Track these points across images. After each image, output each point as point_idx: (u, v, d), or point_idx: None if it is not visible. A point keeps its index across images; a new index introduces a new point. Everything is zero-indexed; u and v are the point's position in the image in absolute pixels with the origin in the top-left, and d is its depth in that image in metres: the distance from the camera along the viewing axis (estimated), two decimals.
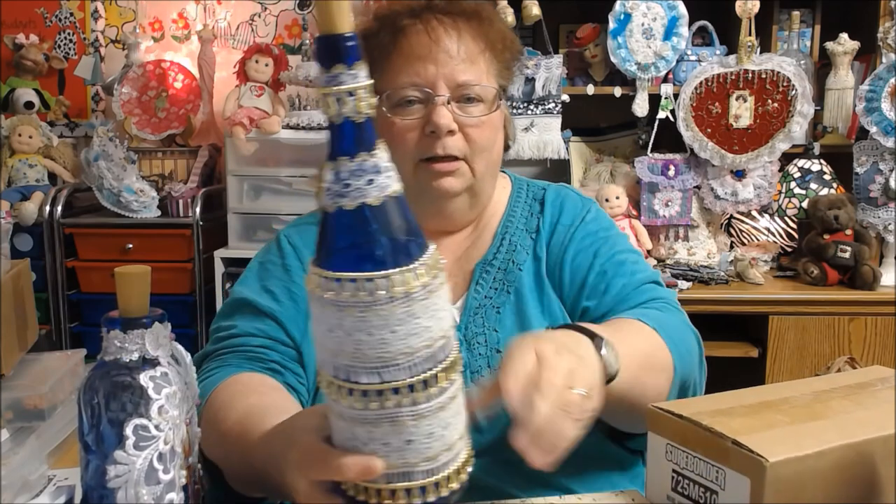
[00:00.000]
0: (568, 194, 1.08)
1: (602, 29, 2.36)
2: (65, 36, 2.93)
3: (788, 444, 0.60)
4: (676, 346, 0.88)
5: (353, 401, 0.56)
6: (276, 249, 1.04)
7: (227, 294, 2.43)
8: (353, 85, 0.53)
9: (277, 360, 0.94)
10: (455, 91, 0.95)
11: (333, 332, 0.55)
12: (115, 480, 0.57)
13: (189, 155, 2.71)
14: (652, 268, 1.06)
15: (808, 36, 2.41)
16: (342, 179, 0.54)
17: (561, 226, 1.03)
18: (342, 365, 0.56)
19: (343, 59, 0.53)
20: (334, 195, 0.54)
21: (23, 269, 1.26)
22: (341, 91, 0.53)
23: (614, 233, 1.05)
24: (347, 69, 0.53)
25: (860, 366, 1.40)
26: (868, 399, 0.71)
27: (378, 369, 0.55)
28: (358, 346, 0.54)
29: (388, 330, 0.54)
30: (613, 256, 1.00)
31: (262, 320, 0.96)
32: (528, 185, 1.10)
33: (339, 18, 0.53)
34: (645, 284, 0.99)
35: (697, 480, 0.65)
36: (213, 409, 0.85)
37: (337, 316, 0.54)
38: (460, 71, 0.94)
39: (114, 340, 0.59)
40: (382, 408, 0.55)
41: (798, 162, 2.36)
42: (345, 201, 0.54)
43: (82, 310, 2.56)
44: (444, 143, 0.94)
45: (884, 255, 2.24)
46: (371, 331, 0.54)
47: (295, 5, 2.88)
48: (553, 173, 2.49)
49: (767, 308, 2.10)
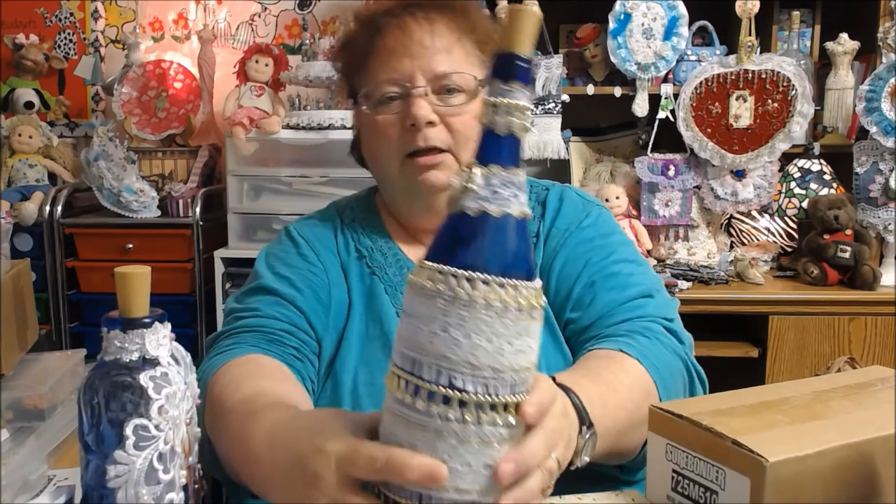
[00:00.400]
0: (568, 196, 1.05)
1: (602, 29, 2.36)
2: (65, 36, 2.93)
3: (788, 444, 0.60)
4: (661, 376, 0.85)
5: (421, 403, 0.55)
6: (288, 241, 1.03)
7: (227, 294, 2.43)
8: (523, 102, 0.56)
9: (298, 347, 0.92)
10: (434, 82, 0.94)
11: (429, 326, 0.55)
12: (115, 480, 0.57)
13: (189, 155, 2.71)
14: (656, 276, 1.02)
15: (808, 36, 2.41)
16: (492, 185, 0.55)
17: (556, 229, 1.01)
18: (433, 364, 0.55)
19: (520, 77, 0.56)
20: (480, 199, 0.55)
21: (23, 269, 1.26)
22: (511, 105, 0.55)
23: (613, 239, 1.02)
24: (523, 87, 0.56)
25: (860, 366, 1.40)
26: (868, 399, 0.71)
27: (465, 374, 0.54)
28: (474, 350, 0.54)
29: (484, 337, 0.54)
30: (605, 267, 0.97)
31: (285, 306, 0.95)
32: (531, 185, 1.08)
33: (526, 38, 0.56)
34: (634, 300, 0.95)
35: (697, 480, 0.65)
36: (220, 385, 0.82)
37: (442, 311, 0.54)
38: (436, 62, 0.94)
39: (114, 340, 0.59)
40: (453, 419, 0.54)
41: (798, 162, 2.36)
42: (491, 207, 0.55)
43: (82, 310, 2.56)
44: (425, 134, 0.93)
45: (884, 255, 2.24)
46: (470, 334, 0.54)
47: (295, 5, 2.88)
48: (553, 173, 2.49)
49: (767, 308, 2.10)
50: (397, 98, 0.95)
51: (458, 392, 0.54)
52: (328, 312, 0.97)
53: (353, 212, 1.07)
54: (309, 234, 1.02)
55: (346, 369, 0.94)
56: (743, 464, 0.60)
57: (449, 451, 0.54)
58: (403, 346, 0.56)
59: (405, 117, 0.94)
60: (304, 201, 2.38)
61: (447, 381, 0.54)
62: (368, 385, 0.93)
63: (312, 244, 1.01)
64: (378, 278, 1.00)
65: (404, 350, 0.56)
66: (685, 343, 0.96)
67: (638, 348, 0.86)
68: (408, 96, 0.94)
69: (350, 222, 1.05)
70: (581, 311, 0.96)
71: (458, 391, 0.54)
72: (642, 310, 0.94)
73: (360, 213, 1.07)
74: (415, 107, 0.93)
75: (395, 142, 0.95)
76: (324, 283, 0.98)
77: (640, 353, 0.86)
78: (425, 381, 0.55)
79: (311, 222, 1.05)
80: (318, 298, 0.96)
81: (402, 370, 0.56)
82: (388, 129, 0.95)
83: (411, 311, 0.56)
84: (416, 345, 0.55)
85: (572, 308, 0.96)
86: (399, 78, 0.94)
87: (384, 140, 0.96)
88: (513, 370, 0.55)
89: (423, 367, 0.55)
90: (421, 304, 0.55)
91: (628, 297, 0.95)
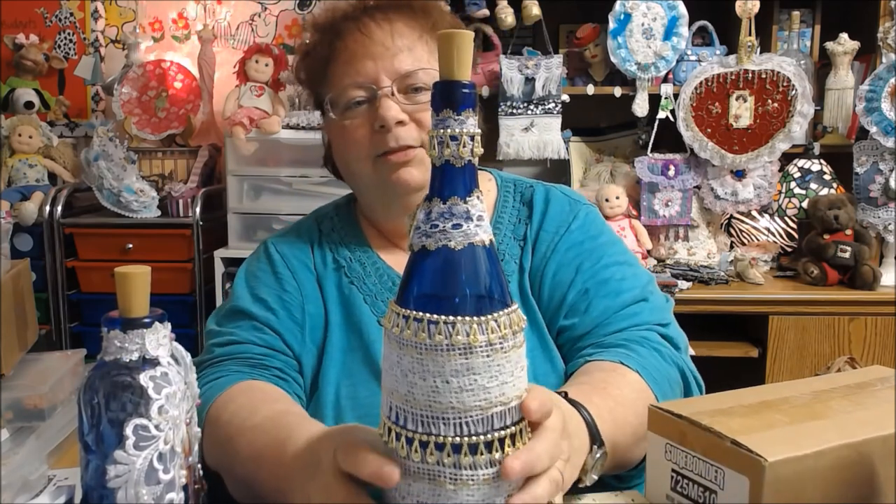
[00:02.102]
0: (555, 196, 1.03)
1: (602, 29, 2.36)
2: (65, 36, 2.93)
3: (788, 444, 0.60)
4: (661, 389, 0.86)
5: (399, 447, 0.54)
6: (264, 258, 1.02)
7: (227, 294, 2.43)
8: (457, 130, 0.54)
9: (281, 367, 0.93)
10: (399, 82, 0.93)
11: (393, 370, 0.55)
12: (115, 480, 0.57)
13: (189, 155, 2.71)
14: (646, 273, 1.01)
15: (808, 36, 2.41)
16: (431, 220, 0.55)
17: (545, 232, 0.99)
18: (395, 405, 0.55)
19: (452, 104, 0.54)
20: (421, 234, 0.55)
21: (23, 269, 1.26)
22: (445, 135, 0.54)
23: (603, 241, 1.00)
24: (455, 115, 0.54)
25: (860, 366, 1.40)
26: (868, 399, 0.71)
27: (425, 418, 0.53)
28: (410, 390, 0.53)
29: (441, 378, 0.52)
30: (597, 273, 0.96)
31: (261, 329, 0.95)
32: (514, 185, 1.06)
33: (458, 66, 0.54)
34: (629, 306, 0.95)
35: (697, 480, 0.65)
36: (229, 412, 0.82)
37: (398, 353, 0.54)
38: (399, 61, 0.93)
39: (114, 340, 0.59)
40: (424, 462, 0.53)
41: (798, 162, 2.36)
42: (428, 241, 0.54)
43: (82, 310, 2.56)
44: (395, 134, 0.92)
45: (884, 255, 2.24)
46: (425, 375, 0.53)
47: (295, 5, 2.88)
48: (553, 173, 2.49)
49: (767, 308, 2.10)
50: (364, 102, 0.93)
51: (402, 428, 0.54)
52: (303, 330, 0.97)
53: (332, 221, 1.05)
54: (285, 251, 1.01)
55: (329, 382, 0.94)
56: (742, 464, 0.60)
57: (448, 495, 0.54)
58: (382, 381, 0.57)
59: (374, 119, 0.93)
60: (304, 201, 2.38)
61: (395, 419, 0.54)
62: (351, 398, 0.93)
63: (288, 261, 1.00)
64: (356, 288, 0.99)
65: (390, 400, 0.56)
66: (681, 348, 0.96)
67: (637, 360, 0.86)
68: (374, 98, 0.93)
69: (329, 232, 1.04)
70: (576, 318, 0.95)
71: (402, 427, 0.54)
72: (638, 317, 0.94)
73: (338, 222, 1.06)
74: (382, 108, 0.91)
75: (366, 145, 0.94)
76: (297, 301, 0.98)
77: (640, 366, 0.86)
78: (390, 422, 0.55)
79: (289, 238, 1.04)
80: (293, 318, 0.96)
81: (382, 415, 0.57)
82: (357, 133, 0.94)
83: (384, 348, 0.56)
84: (382, 381, 0.56)
85: (566, 315, 0.95)
86: (363, 81, 0.93)
87: (354, 144, 0.94)
88: (454, 409, 0.53)
89: (386, 408, 0.56)
90: (385, 342, 0.56)
91: (623, 304, 0.94)
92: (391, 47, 0.93)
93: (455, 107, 0.54)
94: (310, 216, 1.09)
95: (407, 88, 0.94)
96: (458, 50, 0.54)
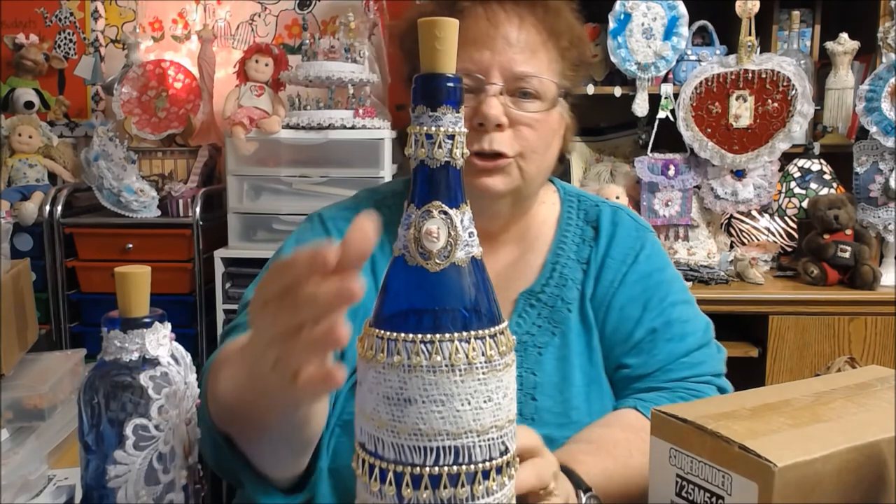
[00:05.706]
0: (622, 220, 0.98)
1: (602, 29, 2.36)
2: (65, 36, 2.93)
3: (795, 448, 0.60)
4: None
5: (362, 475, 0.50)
6: (320, 228, 0.95)
7: (227, 294, 2.43)
8: (432, 128, 0.49)
9: None
10: (511, 82, 0.86)
11: (360, 390, 0.51)
12: (115, 480, 0.57)
13: (189, 155, 2.71)
14: (703, 315, 0.98)
15: (808, 36, 2.41)
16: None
17: (612, 259, 0.95)
18: (365, 430, 0.50)
19: (428, 100, 0.49)
20: (402, 245, 0.51)
21: (23, 269, 1.26)
22: (420, 132, 0.49)
23: (668, 275, 0.97)
24: (429, 111, 0.49)
25: (860, 366, 1.40)
26: (869, 400, 0.71)
27: (393, 442, 0.48)
28: (375, 408, 0.49)
29: (402, 397, 0.47)
30: (664, 311, 0.93)
31: None
32: (579, 200, 1.01)
33: (450, 54, 0.49)
34: (693, 352, 0.92)
35: (703, 485, 0.64)
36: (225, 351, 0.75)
37: (362, 369, 0.50)
38: (518, 61, 0.86)
39: (114, 340, 0.59)
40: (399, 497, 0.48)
41: (798, 162, 2.36)
42: (406, 253, 0.50)
43: (82, 310, 2.56)
44: (491, 137, 0.86)
45: (884, 255, 2.24)
46: (389, 393, 0.48)
47: (295, 5, 2.88)
48: (553, 173, 2.49)
49: (767, 308, 2.10)
50: (468, 91, 0.85)
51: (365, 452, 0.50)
52: None
53: (391, 210, 0.97)
54: (343, 227, 0.94)
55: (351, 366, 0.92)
56: (751, 469, 0.59)
57: None
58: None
59: (474, 114, 0.85)
60: (304, 201, 2.38)
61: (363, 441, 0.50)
62: None
63: None
64: None
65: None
66: None
67: None
68: (480, 91, 0.86)
69: (387, 224, 1.02)
70: (641, 358, 0.91)
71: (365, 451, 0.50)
72: (699, 367, 0.92)
73: (397, 212, 0.99)
74: (486, 105, 0.85)
75: None
76: None
77: None
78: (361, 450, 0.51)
79: (347, 214, 0.96)
80: None
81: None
82: None
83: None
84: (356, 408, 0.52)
85: (631, 353, 0.92)
86: (474, 70, 0.86)
87: None
88: (419, 431, 0.47)
89: (358, 432, 0.51)
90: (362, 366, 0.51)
91: (687, 350, 0.93)
92: (514, 44, 0.86)
93: (432, 103, 0.49)
94: (365, 198, 1.01)
95: (516, 91, 0.87)
96: (441, 40, 0.48)
